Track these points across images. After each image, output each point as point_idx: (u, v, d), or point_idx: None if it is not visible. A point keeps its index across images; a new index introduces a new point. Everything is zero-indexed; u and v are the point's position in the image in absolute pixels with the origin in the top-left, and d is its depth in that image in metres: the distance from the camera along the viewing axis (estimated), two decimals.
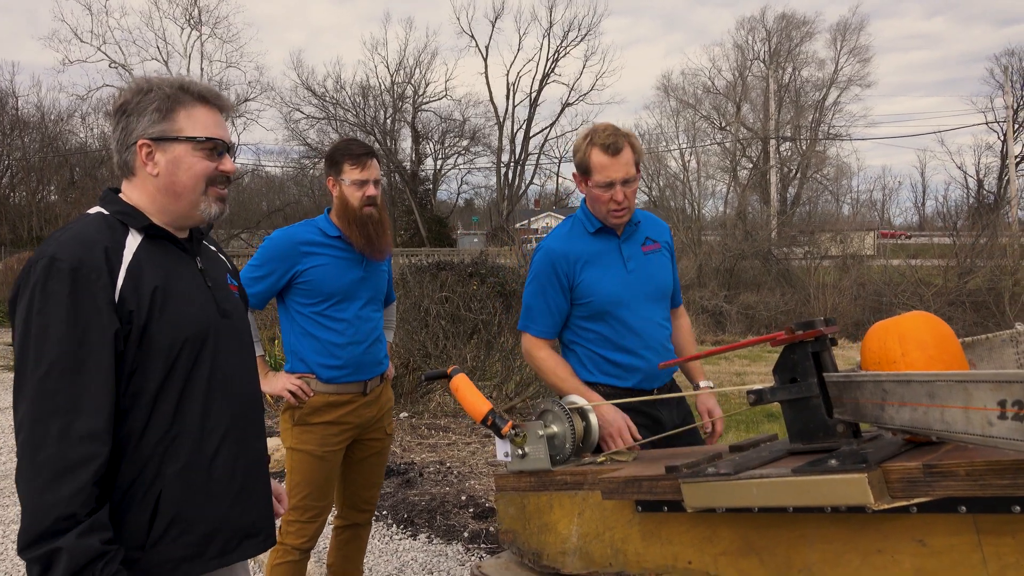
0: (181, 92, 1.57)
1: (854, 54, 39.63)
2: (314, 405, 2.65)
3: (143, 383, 1.47)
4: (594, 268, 2.41)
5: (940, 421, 1.11)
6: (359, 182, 2.64)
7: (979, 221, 15.85)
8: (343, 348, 2.66)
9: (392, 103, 40.76)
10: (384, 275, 2.85)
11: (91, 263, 1.43)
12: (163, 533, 1.48)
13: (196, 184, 1.58)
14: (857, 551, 1.34)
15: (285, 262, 2.63)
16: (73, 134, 33.46)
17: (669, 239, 2.59)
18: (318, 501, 2.70)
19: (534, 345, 2.47)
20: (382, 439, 2.87)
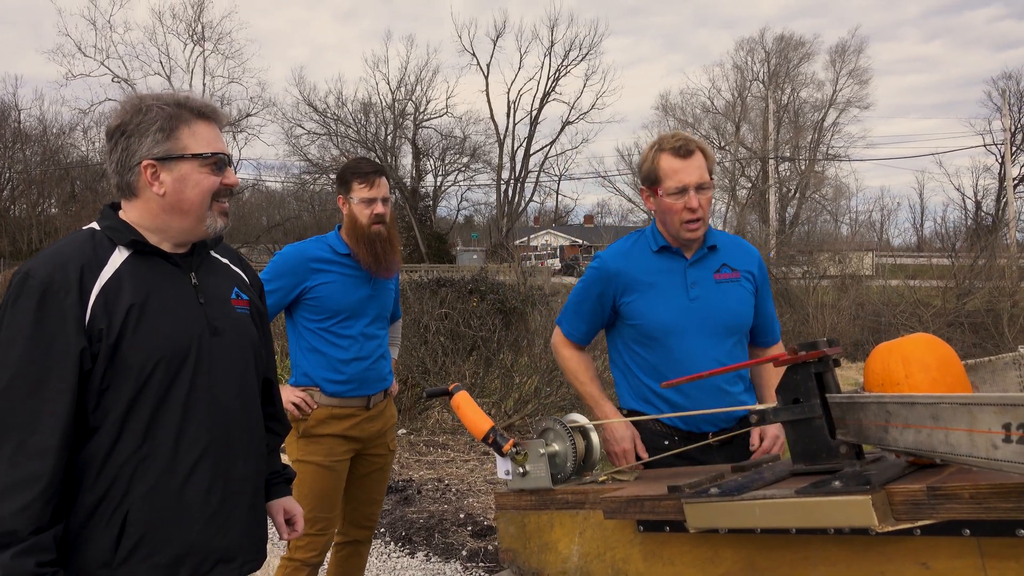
0: (181, 109, 1.56)
1: (853, 76, 39.95)
2: (318, 418, 2.67)
3: (114, 401, 1.46)
4: (649, 291, 2.25)
5: (944, 443, 1.11)
6: (367, 200, 2.66)
7: (977, 243, 15.87)
8: (348, 364, 2.68)
9: (393, 120, 40.99)
10: (391, 293, 2.87)
11: (61, 280, 1.42)
12: (129, 553, 1.46)
13: (203, 200, 1.57)
14: (860, 573, 1.34)
15: (294, 278, 2.66)
16: (75, 147, 33.60)
17: (756, 268, 2.32)
18: (326, 512, 2.69)
19: (561, 342, 2.44)
20: (384, 455, 2.86)
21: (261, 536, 1.71)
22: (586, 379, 2.37)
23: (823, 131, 40.17)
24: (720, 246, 2.29)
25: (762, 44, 40.59)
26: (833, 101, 39.73)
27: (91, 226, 1.58)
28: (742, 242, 2.38)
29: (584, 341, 2.43)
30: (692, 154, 2.18)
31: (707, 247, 2.27)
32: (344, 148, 40.38)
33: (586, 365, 2.41)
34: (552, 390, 6.83)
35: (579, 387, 2.36)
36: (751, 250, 2.36)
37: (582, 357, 2.44)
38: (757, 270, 2.32)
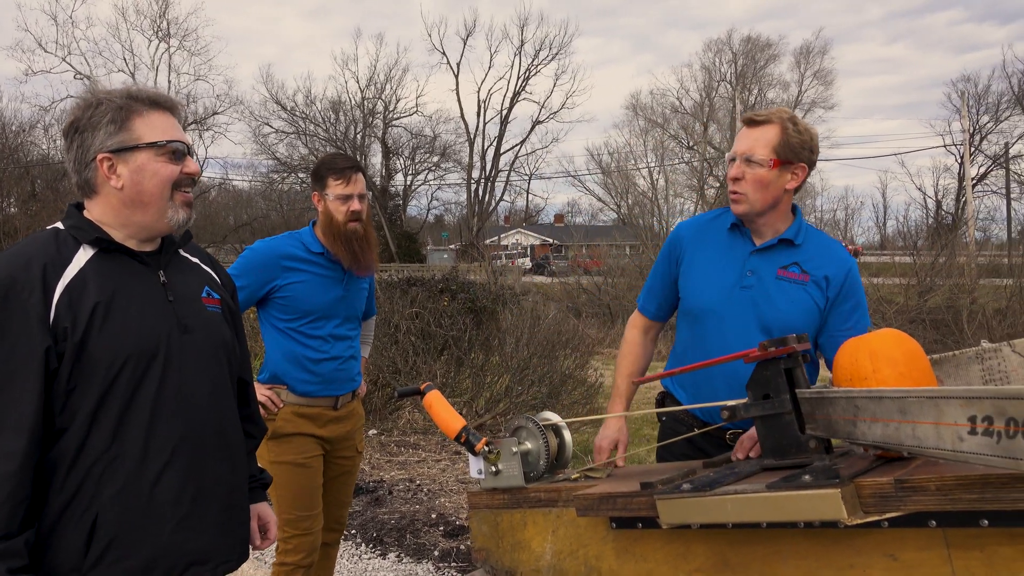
0: (132, 100, 1.53)
1: (817, 77, 40.60)
2: (286, 417, 2.63)
3: (81, 401, 1.43)
4: (704, 266, 2.13)
5: (912, 437, 1.13)
6: (343, 197, 2.60)
7: (938, 241, 16.22)
8: (317, 364, 2.64)
9: (363, 118, 40.70)
10: (363, 293, 2.82)
11: (24, 280, 1.40)
12: (99, 557, 1.43)
13: (163, 190, 1.54)
14: (830, 566, 1.36)
15: (265, 274, 2.59)
16: (35, 145, 32.79)
17: (839, 279, 2.05)
18: (308, 511, 2.65)
19: (631, 320, 2.33)
20: (352, 457, 2.83)
21: (241, 536, 1.68)
22: (622, 370, 2.24)
23: None
24: (804, 244, 2.09)
25: (729, 45, 41.08)
26: (799, 102, 40.31)
27: (55, 226, 1.55)
28: (833, 246, 2.13)
29: (654, 315, 2.28)
30: (757, 124, 2.02)
31: (781, 239, 2.08)
32: (313, 147, 40.01)
33: (633, 357, 2.27)
34: (523, 389, 6.83)
35: (615, 374, 2.27)
36: (839, 257, 2.09)
37: (636, 345, 2.28)
38: (840, 281, 2.05)
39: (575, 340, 8.18)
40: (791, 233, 2.07)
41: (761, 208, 2.03)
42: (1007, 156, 34.47)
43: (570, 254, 32.90)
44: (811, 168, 2.06)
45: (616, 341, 14.14)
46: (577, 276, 19.98)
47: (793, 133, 1.99)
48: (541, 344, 7.36)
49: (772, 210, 2.05)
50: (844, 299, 2.05)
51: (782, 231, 2.08)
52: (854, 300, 2.06)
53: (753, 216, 2.07)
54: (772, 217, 2.07)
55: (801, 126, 2.01)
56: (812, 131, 2.03)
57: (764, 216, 2.06)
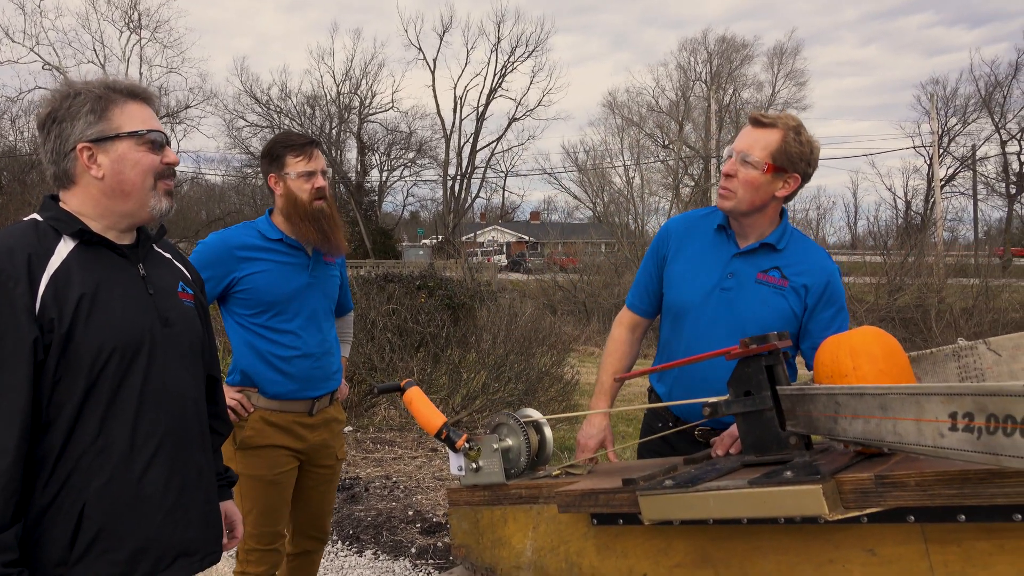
0: (110, 91, 1.53)
1: (790, 78, 41.07)
2: (256, 428, 2.45)
3: (67, 393, 1.42)
4: (687, 264, 2.14)
5: (892, 433, 1.14)
6: (306, 174, 2.42)
7: (907, 241, 16.49)
8: (289, 362, 2.45)
9: (338, 113, 40.39)
10: (334, 281, 2.62)
11: (9, 270, 1.38)
12: (86, 549, 1.42)
13: (144, 179, 1.54)
14: (810, 562, 1.37)
15: (218, 268, 2.39)
16: (2, 137, 32.11)
17: (819, 285, 2.05)
18: (274, 527, 2.52)
19: (619, 317, 2.32)
20: (332, 465, 2.65)
21: (218, 530, 1.69)
22: (607, 367, 2.24)
23: None
24: (787, 250, 2.08)
25: (705, 45, 41.39)
26: (772, 102, 40.74)
27: (32, 217, 1.53)
28: (815, 252, 2.11)
29: (643, 311, 2.27)
30: (762, 126, 2.01)
31: (763, 243, 2.08)
32: None
33: (619, 355, 2.26)
34: (500, 386, 6.84)
35: (599, 372, 2.26)
36: (820, 263, 2.08)
37: (622, 343, 2.28)
38: (820, 289, 2.05)
39: (551, 337, 8.20)
40: (774, 238, 2.08)
41: (747, 209, 2.03)
42: (974, 158, 35.19)
43: (546, 251, 32.97)
44: (805, 180, 2.05)
45: (592, 338, 14.18)
46: (553, 273, 20.03)
47: (794, 143, 1.98)
48: (518, 341, 7.38)
49: (758, 213, 2.05)
50: (825, 306, 2.05)
51: (767, 235, 2.08)
52: (836, 307, 2.06)
53: (738, 215, 2.07)
54: (758, 220, 2.07)
55: (804, 137, 2.01)
56: (814, 144, 2.03)
57: (749, 217, 2.06)
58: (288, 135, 2.51)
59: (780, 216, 2.12)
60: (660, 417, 2.24)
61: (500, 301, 8.80)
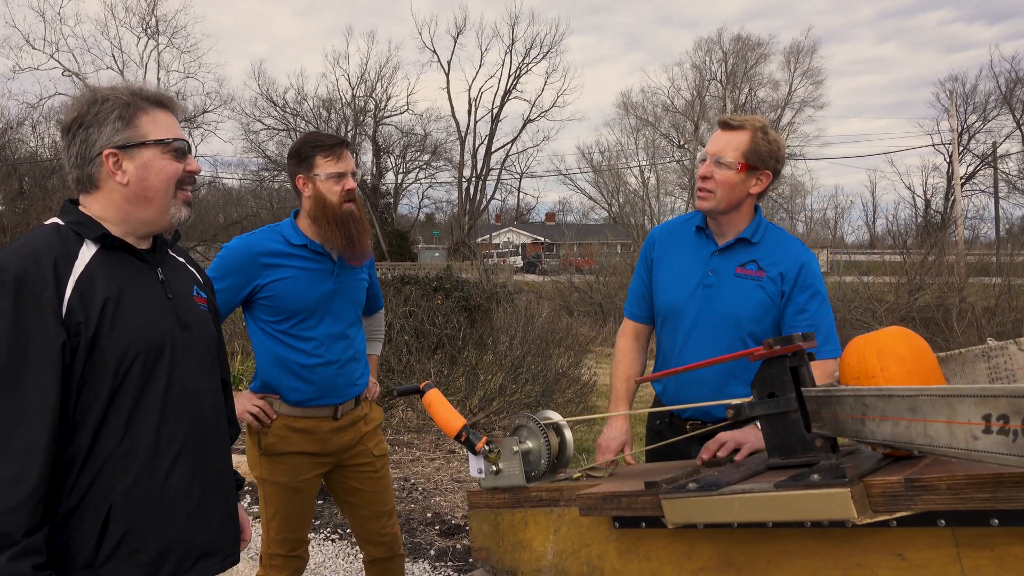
0: (137, 98, 1.55)
1: (807, 76, 40.75)
2: (279, 433, 2.41)
3: (93, 397, 1.43)
4: (671, 267, 2.25)
5: (923, 435, 1.12)
6: (336, 175, 2.35)
7: (927, 240, 16.30)
8: (312, 370, 2.39)
9: (353, 116, 40.57)
10: (361, 285, 2.55)
11: (37, 274, 1.39)
12: (113, 551, 1.44)
13: (168, 187, 1.56)
14: (837, 566, 1.35)
15: (243, 275, 2.34)
16: (23, 143, 32.52)
17: (793, 272, 2.13)
18: (296, 534, 2.50)
19: (621, 329, 2.39)
20: (370, 462, 2.56)
21: (238, 531, 1.71)
22: (618, 374, 2.30)
23: (779, 130, 40.85)
24: (762, 243, 2.18)
25: (720, 44, 41.19)
26: (788, 101, 40.49)
27: (53, 221, 1.54)
28: (789, 243, 2.20)
29: (642, 318, 2.34)
30: (731, 129, 2.14)
31: (739, 239, 2.18)
32: None
33: (628, 362, 2.31)
34: (517, 387, 6.82)
35: (611, 380, 2.33)
36: (794, 252, 2.17)
37: (629, 352, 2.33)
38: (794, 275, 2.13)
39: (568, 339, 8.18)
40: (748, 232, 2.18)
41: (725, 207, 2.14)
42: (995, 155, 34.73)
43: (561, 253, 32.93)
44: (775, 176, 2.18)
45: (608, 339, 14.13)
46: (569, 275, 19.99)
47: (762, 142, 2.11)
48: (535, 343, 7.36)
49: (735, 211, 2.17)
50: (800, 290, 2.14)
51: (742, 230, 2.19)
52: (811, 291, 2.14)
53: (716, 214, 2.18)
54: (734, 217, 2.18)
55: (771, 136, 2.14)
56: (780, 142, 2.17)
57: (727, 215, 2.17)
58: (318, 135, 2.46)
59: (754, 212, 2.23)
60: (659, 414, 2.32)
61: (516, 302, 8.79)
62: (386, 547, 2.63)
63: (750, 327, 2.14)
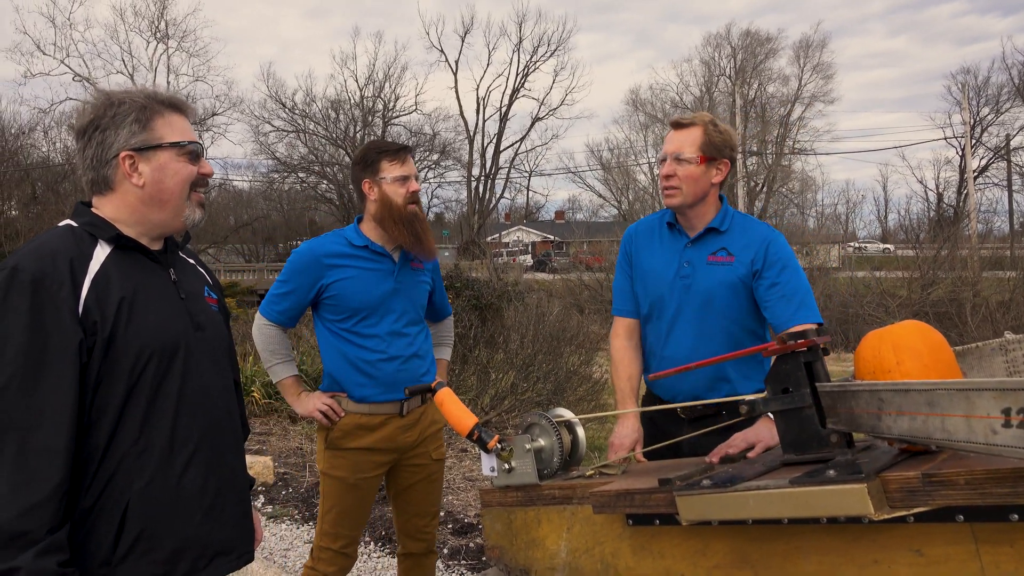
0: (153, 101, 1.57)
1: (817, 71, 40.56)
2: (345, 428, 2.51)
3: (109, 396, 1.44)
4: (647, 262, 2.35)
5: (940, 430, 1.10)
6: (401, 178, 2.48)
7: (940, 234, 16.17)
8: (374, 365, 2.49)
9: (362, 117, 40.67)
10: (422, 287, 2.65)
11: (53, 274, 1.40)
12: (129, 549, 1.45)
13: (182, 189, 1.57)
14: (853, 563, 1.34)
15: (308, 276, 2.50)
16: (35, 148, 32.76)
17: (758, 252, 2.22)
18: (350, 530, 2.57)
19: (613, 330, 2.46)
20: (427, 464, 2.66)
21: (252, 529, 1.71)
22: (620, 374, 2.36)
23: (789, 126, 40.72)
24: (730, 230, 2.28)
25: (729, 40, 41.03)
26: (799, 96, 40.29)
27: (67, 223, 1.56)
28: (755, 227, 2.31)
29: (630, 313, 2.42)
30: (684, 128, 2.26)
31: (708, 229, 2.28)
32: (312, 145, 40.00)
33: (626, 362, 2.38)
34: (528, 386, 6.82)
35: (613, 381, 2.39)
36: (759, 234, 2.27)
37: (626, 351, 2.39)
38: (760, 254, 2.22)
39: (579, 337, 8.16)
40: (716, 222, 2.28)
41: (692, 200, 2.25)
42: (1008, 148, 34.43)
43: (571, 251, 32.89)
44: (733, 164, 2.32)
45: None
46: (579, 273, 19.95)
47: (714, 133, 2.24)
48: (545, 341, 7.35)
49: (701, 203, 2.27)
50: (769, 266, 2.22)
51: (710, 220, 2.29)
52: (780, 264, 2.22)
53: (685, 208, 2.28)
54: (702, 209, 2.29)
55: (721, 127, 2.27)
56: (731, 131, 2.31)
57: (694, 208, 2.28)
58: (382, 142, 2.61)
59: (720, 201, 2.33)
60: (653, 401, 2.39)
61: (527, 301, 8.78)
62: (424, 544, 2.74)
63: (725, 308, 2.24)
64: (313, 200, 43.17)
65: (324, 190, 42.46)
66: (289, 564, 4.06)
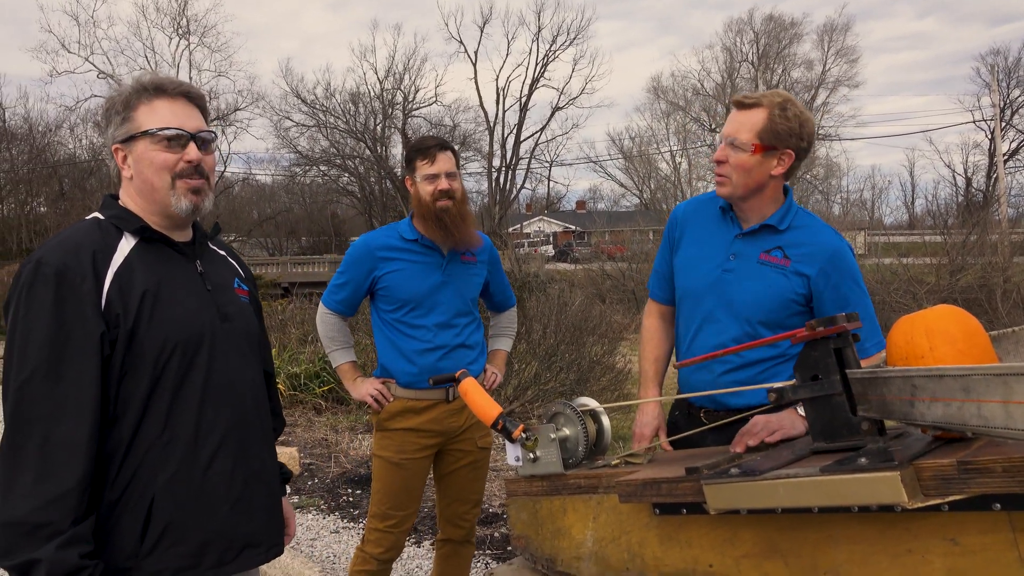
0: (138, 89, 1.55)
1: (841, 55, 39.96)
2: (393, 410, 2.63)
3: (133, 388, 1.44)
4: (693, 247, 2.15)
5: (977, 416, 1.08)
6: (430, 176, 2.59)
7: (969, 219, 15.90)
8: (419, 355, 2.61)
9: (382, 110, 40.75)
10: (473, 280, 2.75)
11: (76, 267, 1.41)
12: (156, 542, 1.45)
13: (160, 178, 1.53)
14: (886, 552, 1.31)
15: (362, 268, 2.63)
16: (62, 145, 33.29)
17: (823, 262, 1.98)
18: (397, 510, 2.65)
19: (646, 309, 2.35)
20: (471, 451, 2.75)
21: (281, 522, 1.71)
22: (646, 355, 2.27)
23: (814, 111, 40.16)
24: (790, 229, 2.04)
25: (751, 25, 40.53)
26: (823, 81, 39.72)
27: (94, 215, 1.57)
28: (821, 232, 2.04)
29: (665, 299, 2.27)
30: (745, 107, 1.99)
31: (764, 224, 2.04)
32: (333, 139, 40.16)
33: (655, 342, 2.28)
34: (552, 376, 6.81)
35: (640, 362, 2.30)
36: (826, 242, 2.01)
37: (655, 332, 2.28)
38: (825, 266, 1.98)
39: (602, 326, 8.14)
40: (775, 219, 2.04)
41: (744, 192, 2.01)
42: None
43: (593, 240, 32.76)
44: (801, 155, 2.00)
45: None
46: (601, 262, 19.89)
47: (780, 119, 1.94)
48: (568, 331, 7.34)
49: (757, 195, 2.03)
50: (836, 283, 1.99)
51: (768, 216, 2.05)
52: (849, 281, 2.00)
53: (736, 200, 2.05)
54: (757, 202, 2.04)
55: (791, 112, 1.96)
56: (803, 118, 1.98)
57: (748, 201, 2.04)
58: (420, 140, 2.69)
59: (784, 195, 2.09)
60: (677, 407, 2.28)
61: (549, 291, 8.77)
62: (464, 531, 2.83)
63: (767, 313, 2.01)
64: (335, 193, 43.40)
65: (346, 183, 42.67)
66: (316, 554, 4.10)
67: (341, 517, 4.63)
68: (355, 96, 40.54)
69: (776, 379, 1.97)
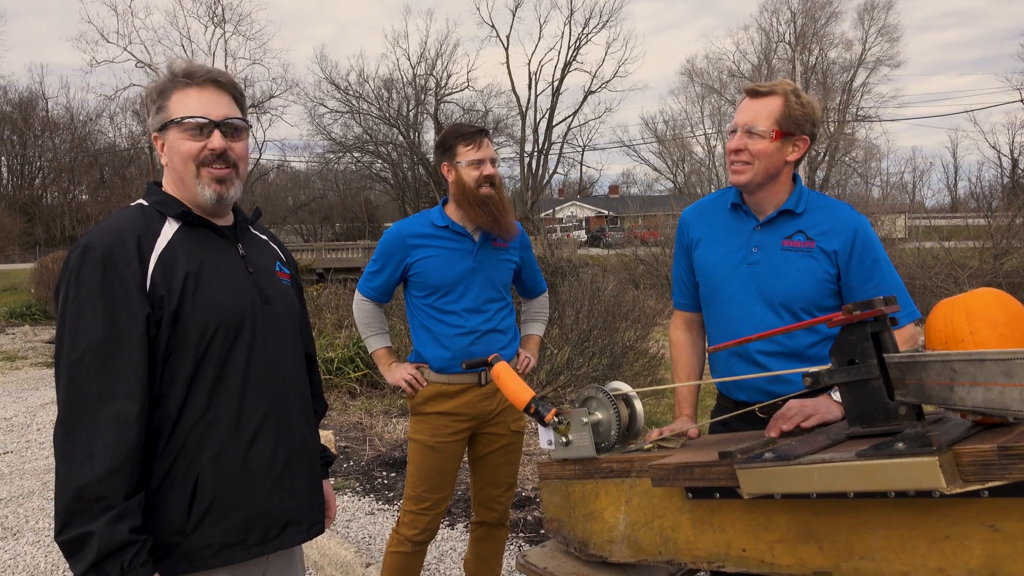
0: (171, 78, 1.58)
1: (882, 34, 38.99)
2: (427, 395, 2.67)
3: (178, 368, 1.49)
4: (711, 246, 2.16)
5: (1019, 401, 1.06)
6: (476, 162, 2.59)
7: (1015, 201, 15.46)
8: (451, 339, 2.64)
9: (415, 95, 40.82)
10: (505, 266, 2.76)
11: (121, 251, 1.45)
12: (202, 518, 1.49)
13: (186, 166, 1.57)
14: (924, 537, 1.30)
15: (395, 255, 2.66)
16: (102, 134, 33.96)
17: (846, 239, 2.00)
18: (432, 493, 2.69)
19: (672, 321, 2.35)
20: (504, 435, 2.77)
21: (322, 501, 1.74)
22: (678, 373, 2.26)
23: (852, 92, 39.31)
24: (807, 211, 2.05)
25: (788, 4, 39.69)
26: (862, 61, 38.81)
27: (138, 202, 1.61)
28: (838, 210, 2.06)
29: (687, 306, 2.29)
30: (760, 96, 2.01)
31: (781, 211, 2.06)
32: (367, 125, 40.35)
33: (685, 357, 2.28)
34: (584, 361, 6.80)
35: (673, 380, 2.29)
36: (846, 219, 2.02)
37: (684, 345, 2.29)
38: (847, 243, 2.00)
39: (635, 312, 8.09)
40: (791, 203, 2.06)
41: (762, 179, 2.03)
42: None
43: (626, 225, 32.54)
44: (813, 140, 2.05)
45: None
46: (634, 247, 19.76)
47: (796, 105, 1.98)
48: (601, 316, 7.31)
49: (773, 181, 2.05)
50: (860, 258, 2.00)
51: (783, 203, 2.06)
52: (871, 257, 2.00)
53: (753, 187, 2.05)
54: (773, 189, 2.06)
55: (804, 98, 2.01)
56: (814, 103, 2.04)
57: (764, 188, 2.05)
58: (460, 126, 2.68)
59: (794, 181, 2.10)
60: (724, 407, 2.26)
61: (582, 276, 8.74)
62: (497, 514, 2.86)
63: (805, 302, 2.00)
64: (368, 179, 43.67)
65: (379, 169, 42.89)
66: (352, 534, 4.17)
67: (376, 499, 4.70)
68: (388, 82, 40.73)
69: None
